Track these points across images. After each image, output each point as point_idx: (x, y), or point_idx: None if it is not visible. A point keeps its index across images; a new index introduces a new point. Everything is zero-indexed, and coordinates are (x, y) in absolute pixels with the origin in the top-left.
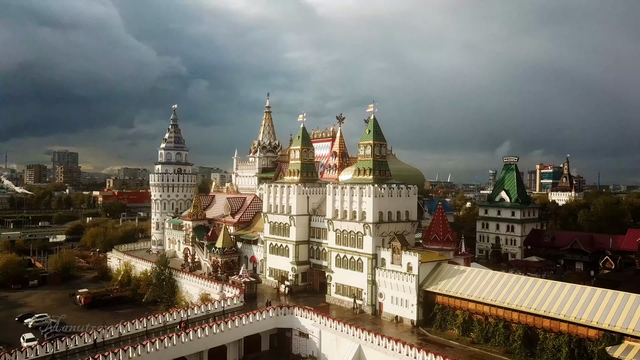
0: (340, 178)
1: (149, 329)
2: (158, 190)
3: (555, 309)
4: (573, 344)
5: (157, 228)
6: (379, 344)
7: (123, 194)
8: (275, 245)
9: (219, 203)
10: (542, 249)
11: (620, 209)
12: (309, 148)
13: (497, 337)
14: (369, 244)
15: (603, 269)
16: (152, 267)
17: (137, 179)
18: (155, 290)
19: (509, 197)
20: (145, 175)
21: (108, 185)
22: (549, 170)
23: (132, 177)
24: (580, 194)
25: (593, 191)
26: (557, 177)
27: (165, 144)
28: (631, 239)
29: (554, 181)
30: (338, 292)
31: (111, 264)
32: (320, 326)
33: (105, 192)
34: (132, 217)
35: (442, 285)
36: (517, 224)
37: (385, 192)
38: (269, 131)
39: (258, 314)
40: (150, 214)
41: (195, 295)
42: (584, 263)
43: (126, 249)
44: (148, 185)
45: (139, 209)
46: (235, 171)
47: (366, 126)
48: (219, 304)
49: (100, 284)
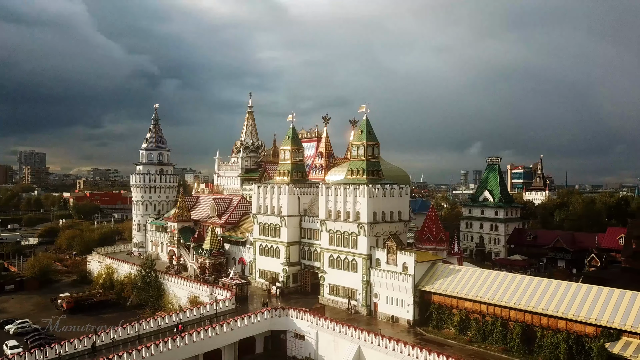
0: (327, 179)
1: (141, 334)
2: (139, 192)
3: (554, 306)
4: (571, 341)
5: (139, 230)
6: (379, 344)
7: (95, 195)
8: (265, 247)
9: (204, 204)
10: (524, 247)
11: (597, 208)
12: (299, 148)
13: (494, 335)
14: (363, 244)
15: (589, 266)
16: (137, 270)
17: (108, 180)
18: (140, 293)
19: (492, 197)
20: (117, 175)
21: (78, 186)
22: (519, 171)
23: (103, 178)
24: (554, 194)
25: (565, 191)
26: (528, 177)
27: (147, 144)
28: (611, 237)
29: (525, 181)
30: (332, 293)
31: (91, 267)
32: (317, 327)
33: (77, 194)
34: (107, 219)
35: (438, 284)
36: (500, 223)
37: (379, 192)
38: (251, 131)
39: (253, 316)
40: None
41: (184, 298)
42: (566, 261)
43: (106, 251)
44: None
45: (113, 211)
46: (217, 172)
47: (358, 126)
48: (211, 307)
49: (80, 287)
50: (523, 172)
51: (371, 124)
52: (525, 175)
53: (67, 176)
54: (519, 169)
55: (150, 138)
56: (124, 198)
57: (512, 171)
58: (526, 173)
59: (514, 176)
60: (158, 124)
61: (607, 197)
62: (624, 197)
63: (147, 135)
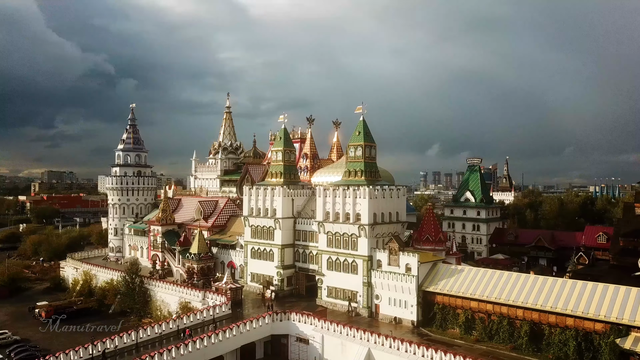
0: (313, 180)
1: (139, 342)
2: (116, 194)
3: (562, 304)
4: (580, 338)
5: (116, 234)
6: (390, 346)
7: (53, 199)
8: (257, 250)
9: (188, 207)
10: (506, 246)
11: (572, 208)
12: (291, 149)
13: (501, 334)
14: (364, 245)
15: (577, 264)
16: (121, 276)
17: (65, 183)
18: (124, 300)
19: (474, 197)
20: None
21: (34, 189)
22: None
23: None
24: (519, 194)
25: (527, 191)
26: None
27: (124, 145)
28: (589, 235)
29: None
30: (330, 296)
31: (65, 274)
32: (322, 331)
33: (33, 197)
34: (69, 223)
35: (441, 285)
36: (482, 223)
37: (379, 193)
38: (229, 132)
39: (255, 321)
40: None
41: (173, 304)
42: (547, 259)
43: (80, 257)
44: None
45: (73, 215)
46: (194, 173)
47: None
48: (208, 312)
49: (55, 295)
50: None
51: (368, 125)
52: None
53: (18, 179)
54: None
55: (127, 139)
56: (84, 201)
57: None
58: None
59: None
60: (135, 125)
61: (574, 197)
62: (589, 197)
63: (123, 136)
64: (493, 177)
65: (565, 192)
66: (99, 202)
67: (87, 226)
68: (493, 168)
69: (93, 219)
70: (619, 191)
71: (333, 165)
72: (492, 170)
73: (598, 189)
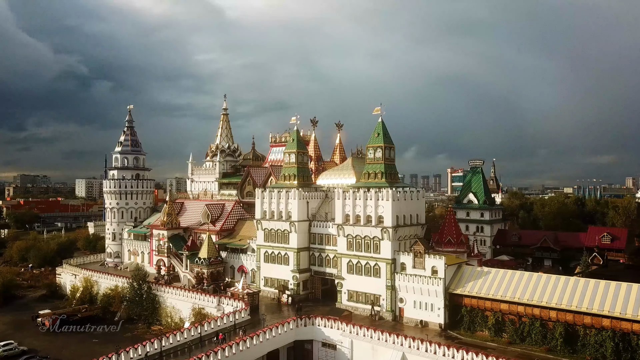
0: (318, 183)
1: (163, 350)
2: (114, 198)
3: (597, 305)
4: (617, 339)
5: (114, 239)
6: (426, 350)
7: (30, 203)
8: (271, 254)
9: (192, 210)
10: (510, 248)
11: (571, 209)
12: (304, 151)
13: (533, 336)
14: (387, 248)
15: (591, 264)
16: (128, 282)
17: (40, 187)
18: (131, 307)
19: (476, 199)
20: (47, 182)
21: (8, 193)
22: (459, 174)
23: (33, 185)
24: (505, 196)
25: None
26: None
27: (121, 147)
28: (592, 236)
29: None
30: (351, 299)
31: (62, 281)
32: (351, 336)
33: (10, 202)
34: (51, 228)
35: (469, 287)
36: (486, 224)
37: (401, 195)
38: (227, 134)
39: (280, 327)
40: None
41: (185, 310)
42: (552, 260)
43: (76, 262)
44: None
45: (53, 219)
46: (190, 176)
47: (374, 129)
48: (228, 319)
49: (52, 303)
50: (463, 175)
51: (386, 126)
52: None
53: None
54: (459, 172)
55: (124, 141)
56: (63, 206)
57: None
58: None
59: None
60: (132, 127)
61: (563, 198)
62: (580, 198)
63: (121, 138)
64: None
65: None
66: (79, 207)
67: (72, 231)
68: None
69: (75, 224)
70: (600, 192)
71: (338, 168)
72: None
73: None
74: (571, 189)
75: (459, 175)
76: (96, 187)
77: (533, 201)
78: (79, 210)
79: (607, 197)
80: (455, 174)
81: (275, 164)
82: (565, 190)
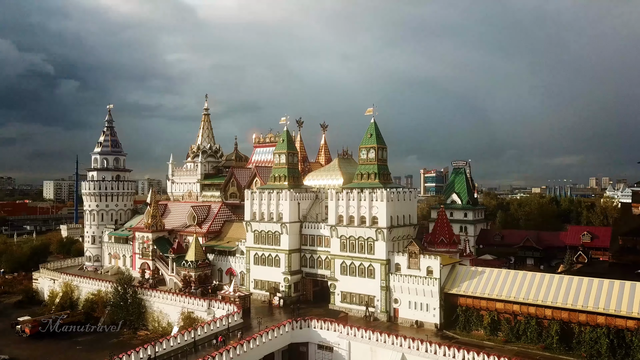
0: (305, 183)
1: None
2: (94, 200)
3: (592, 303)
4: (612, 335)
5: (94, 242)
6: (427, 350)
7: None
8: (261, 256)
9: (176, 212)
10: (493, 247)
11: (551, 209)
12: (294, 152)
13: (528, 334)
14: (381, 249)
15: (576, 263)
16: (112, 286)
17: (5, 189)
18: (116, 312)
19: (460, 199)
20: (12, 183)
21: None
22: (432, 175)
23: None
24: (480, 196)
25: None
26: (440, 180)
27: (101, 148)
28: (573, 235)
29: (438, 185)
30: (344, 301)
31: (40, 286)
32: (349, 337)
33: None
34: (20, 232)
35: (464, 287)
36: (469, 224)
37: (394, 196)
38: (208, 134)
39: (276, 329)
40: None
41: (173, 314)
42: (535, 259)
43: (54, 267)
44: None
45: (23, 222)
46: (171, 178)
47: (367, 130)
48: (221, 322)
49: (30, 309)
50: (435, 176)
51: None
52: (437, 179)
53: None
54: (432, 173)
55: (104, 142)
56: (31, 208)
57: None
58: (438, 177)
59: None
60: (112, 127)
61: (538, 198)
62: (555, 198)
63: (100, 138)
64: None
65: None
66: (48, 209)
67: (44, 234)
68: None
69: (44, 227)
70: (570, 192)
71: (325, 169)
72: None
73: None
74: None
75: (432, 176)
76: (65, 189)
77: (509, 201)
78: (49, 212)
79: (575, 197)
80: (427, 174)
81: (260, 164)
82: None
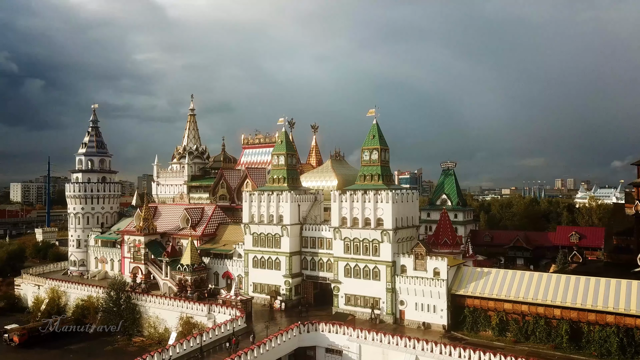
0: None
1: None
2: (79, 203)
3: (601, 302)
4: (621, 334)
5: (79, 246)
6: (441, 352)
7: None
8: (260, 259)
9: (167, 215)
10: (482, 247)
11: (537, 209)
12: (293, 153)
13: (537, 334)
14: (387, 251)
15: (571, 263)
16: (105, 291)
17: None
18: (109, 318)
19: (450, 200)
20: None
21: None
22: (406, 176)
23: None
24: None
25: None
26: (414, 182)
27: (86, 149)
28: (561, 235)
29: (412, 186)
30: (349, 303)
31: (22, 292)
32: (359, 340)
33: None
34: None
35: (471, 288)
36: (460, 225)
37: (399, 197)
38: (194, 135)
39: (284, 334)
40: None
41: (171, 320)
42: (524, 259)
43: (36, 272)
44: None
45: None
46: (156, 179)
47: (369, 131)
48: (225, 327)
49: (13, 316)
50: (409, 178)
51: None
52: (411, 181)
53: None
54: (406, 174)
55: (89, 142)
56: None
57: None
58: (412, 178)
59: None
60: (97, 127)
61: (519, 199)
62: (534, 199)
63: (85, 139)
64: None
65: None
66: (17, 212)
67: (16, 238)
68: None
69: (15, 230)
70: (544, 193)
71: (318, 170)
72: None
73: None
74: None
75: (406, 178)
76: (33, 191)
77: (490, 202)
78: (18, 216)
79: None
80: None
81: (251, 166)
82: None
